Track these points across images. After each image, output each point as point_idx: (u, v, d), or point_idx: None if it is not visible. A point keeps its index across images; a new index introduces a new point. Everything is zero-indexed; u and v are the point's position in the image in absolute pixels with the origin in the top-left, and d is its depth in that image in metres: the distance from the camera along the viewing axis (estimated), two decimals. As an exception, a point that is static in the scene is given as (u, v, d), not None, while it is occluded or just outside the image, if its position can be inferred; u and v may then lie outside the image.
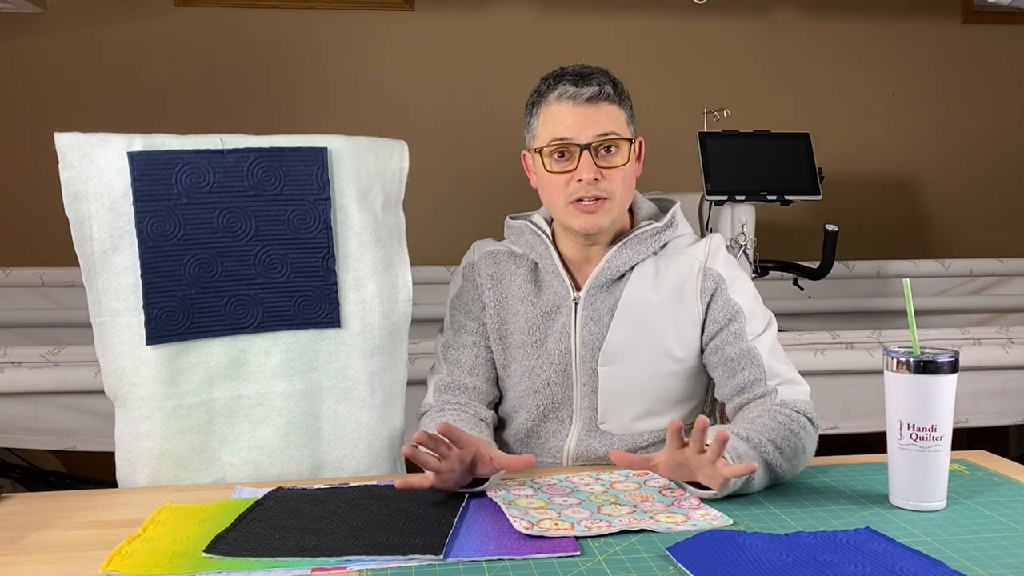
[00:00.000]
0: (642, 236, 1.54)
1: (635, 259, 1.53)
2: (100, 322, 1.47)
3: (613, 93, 1.49)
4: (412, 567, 1.07)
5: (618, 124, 1.49)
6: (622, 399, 1.51)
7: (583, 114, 1.47)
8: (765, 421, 1.37)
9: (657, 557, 1.09)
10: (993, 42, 4.04)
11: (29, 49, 3.55)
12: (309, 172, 1.53)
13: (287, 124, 3.27)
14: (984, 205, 4.07)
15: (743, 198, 2.87)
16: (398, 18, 3.74)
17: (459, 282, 1.64)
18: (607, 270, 1.53)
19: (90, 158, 1.44)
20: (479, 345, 1.60)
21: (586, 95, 1.47)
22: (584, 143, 1.47)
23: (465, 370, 1.58)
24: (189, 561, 1.10)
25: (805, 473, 1.41)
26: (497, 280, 1.60)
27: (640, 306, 1.51)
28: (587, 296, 1.53)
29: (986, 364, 2.63)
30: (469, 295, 1.61)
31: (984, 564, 1.06)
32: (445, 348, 1.61)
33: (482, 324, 1.60)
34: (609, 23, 3.80)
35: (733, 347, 1.48)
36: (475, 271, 1.62)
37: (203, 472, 1.52)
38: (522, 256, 1.60)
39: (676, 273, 1.53)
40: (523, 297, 1.56)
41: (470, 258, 1.64)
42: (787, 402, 1.42)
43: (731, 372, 1.48)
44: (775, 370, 1.47)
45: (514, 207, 1.79)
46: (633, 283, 1.52)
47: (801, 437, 1.36)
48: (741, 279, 1.54)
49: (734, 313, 1.50)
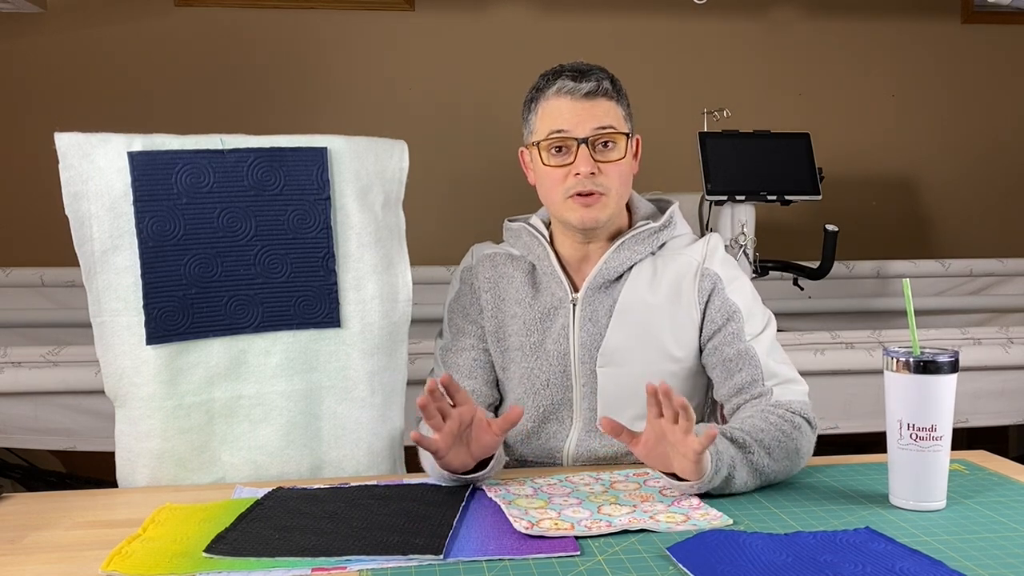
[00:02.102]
0: (640, 236, 1.54)
1: (633, 259, 1.53)
2: (100, 322, 1.47)
3: (611, 89, 1.50)
4: (412, 567, 1.07)
5: (615, 119, 1.50)
6: (621, 400, 1.51)
7: (581, 108, 1.48)
8: (756, 422, 1.37)
9: (657, 557, 1.09)
10: (993, 42, 4.04)
11: (29, 49, 3.55)
12: (309, 172, 1.53)
13: (287, 124, 3.28)
14: (984, 205, 4.07)
15: (743, 198, 2.87)
16: (398, 18, 3.74)
17: (457, 285, 1.64)
18: (605, 271, 1.53)
19: (90, 158, 1.44)
20: (477, 348, 1.60)
21: (584, 90, 1.48)
22: (582, 137, 1.47)
23: (464, 373, 1.58)
24: (189, 561, 1.10)
25: (805, 473, 1.41)
26: (495, 283, 1.60)
27: (638, 307, 1.51)
28: (585, 297, 1.53)
29: (986, 364, 2.63)
30: (467, 298, 1.62)
31: (984, 564, 1.06)
32: (443, 352, 1.62)
33: (480, 327, 1.60)
34: (609, 23, 3.80)
35: (731, 347, 1.48)
36: (473, 274, 1.62)
37: (203, 472, 1.52)
38: (520, 258, 1.60)
39: (674, 273, 1.53)
40: (521, 299, 1.57)
41: (468, 261, 1.65)
42: (782, 403, 1.42)
43: (729, 373, 1.48)
44: (773, 370, 1.46)
45: (513, 207, 1.79)
46: (631, 284, 1.52)
47: (794, 438, 1.36)
48: (739, 279, 1.54)
49: (732, 313, 1.50)
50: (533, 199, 1.61)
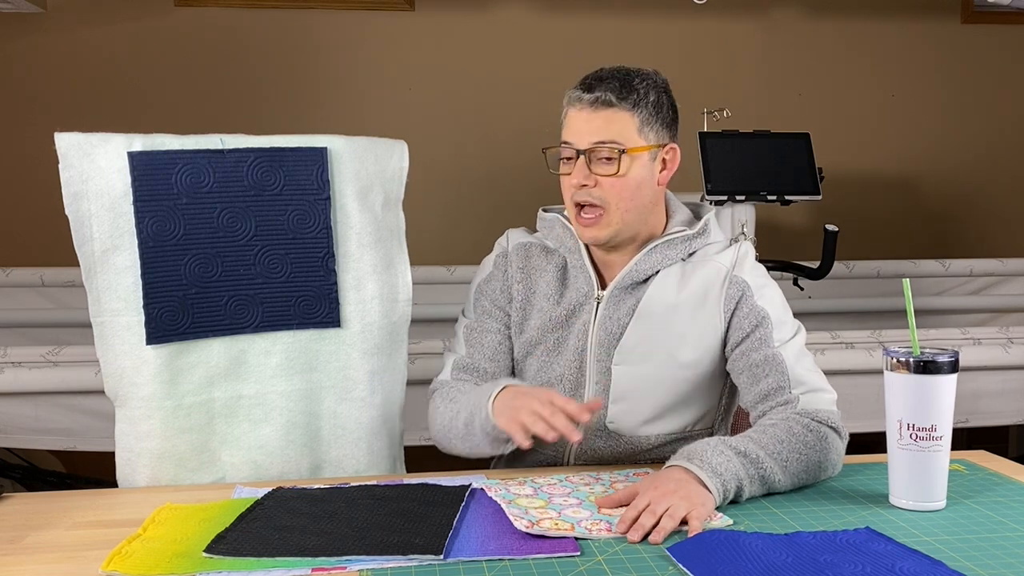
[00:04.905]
0: (672, 242, 1.52)
1: (662, 263, 1.51)
2: (100, 322, 1.47)
3: (621, 99, 1.46)
4: (412, 567, 1.07)
5: (622, 131, 1.46)
6: (633, 400, 1.50)
7: (584, 119, 1.47)
8: (776, 432, 1.34)
9: (657, 557, 1.09)
10: (993, 42, 4.04)
11: (29, 49, 3.55)
12: (309, 172, 1.53)
13: (287, 124, 3.28)
14: (984, 205, 4.07)
15: (743, 198, 2.87)
16: (398, 18, 3.74)
17: (490, 268, 1.62)
18: (634, 272, 1.51)
19: (90, 158, 1.44)
20: (502, 333, 1.59)
21: (588, 99, 1.46)
22: (581, 148, 1.46)
23: (487, 354, 1.57)
24: (189, 561, 1.10)
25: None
26: (527, 274, 1.58)
27: (660, 308, 1.50)
28: (610, 296, 1.52)
29: (986, 364, 2.63)
30: (498, 284, 1.60)
31: (984, 564, 1.06)
32: (468, 330, 1.60)
33: (507, 315, 1.59)
34: (609, 23, 3.80)
35: (758, 352, 1.45)
36: (507, 261, 1.60)
37: (203, 472, 1.52)
38: (554, 252, 1.59)
39: (701, 279, 1.51)
40: (549, 295, 1.56)
41: (503, 246, 1.62)
42: (809, 411, 1.39)
43: (755, 378, 1.45)
44: (800, 378, 1.43)
45: (513, 206, 1.80)
46: (656, 286, 1.51)
47: (818, 450, 1.34)
48: (769, 287, 1.52)
49: (760, 319, 1.47)
50: (533, 199, 1.61)
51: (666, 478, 1.25)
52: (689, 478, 1.25)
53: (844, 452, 1.40)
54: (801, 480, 1.34)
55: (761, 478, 1.29)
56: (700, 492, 1.23)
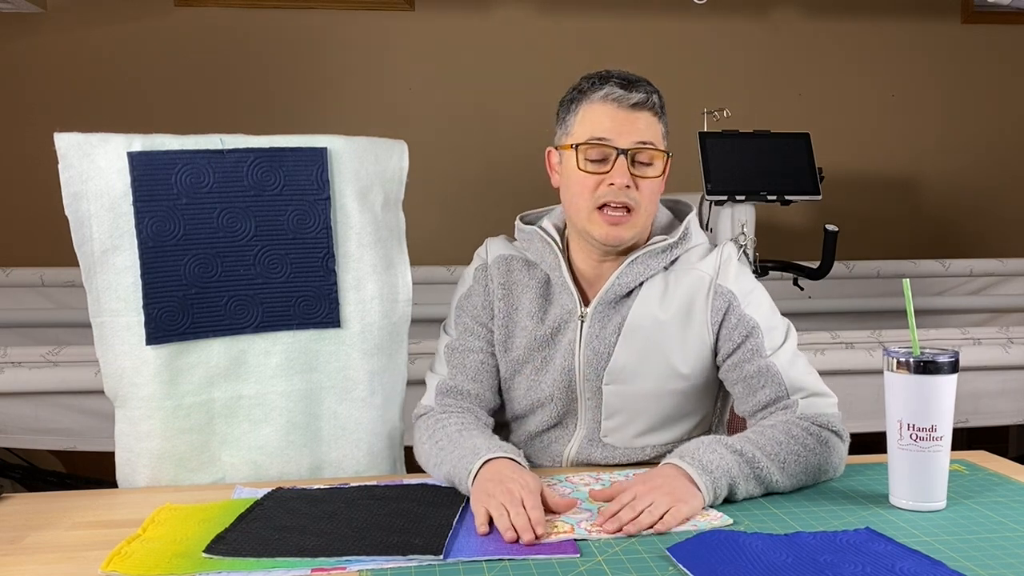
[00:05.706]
0: (653, 252, 1.49)
1: (645, 275, 1.48)
2: (100, 322, 1.47)
3: (657, 105, 1.47)
4: (412, 567, 1.07)
5: (656, 136, 1.46)
6: (626, 416, 1.49)
7: (625, 118, 1.44)
8: (775, 434, 1.34)
9: (657, 557, 1.09)
10: (993, 42, 4.04)
11: (29, 49, 3.55)
12: (309, 172, 1.53)
13: (287, 124, 3.28)
14: (984, 205, 4.07)
15: (743, 198, 2.87)
16: (398, 18, 3.74)
17: (470, 282, 1.58)
18: (616, 287, 1.48)
19: (90, 158, 1.44)
20: (485, 352, 1.55)
21: (632, 100, 1.43)
22: (622, 148, 1.43)
23: (469, 375, 1.54)
24: (189, 561, 1.10)
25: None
26: (508, 290, 1.55)
27: (647, 325, 1.47)
28: (594, 313, 1.49)
29: (986, 364, 2.63)
30: (479, 299, 1.56)
31: (984, 564, 1.06)
32: (449, 350, 1.56)
33: (489, 331, 1.55)
34: (609, 23, 3.80)
35: (751, 364, 1.44)
36: (488, 276, 1.57)
37: (203, 472, 1.52)
38: (535, 266, 1.55)
39: (685, 290, 1.48)
40: (533, 312, 1.52)
41: (482, 259, 1.59)
42: (809, 415, 1.39)
43: (751, 389, 1.45)
44: (797, 383, 1.43)
45: (512, 206, 1.78)
46: (641, 300, 1.48)
47: (819, 453, 1.34)
48: (755, 292, 1.49)
49: (750, 329, 1.45)
50: (533, 199, 1.60)
51: (656, 475, 1.27)
52: (678, 474, 1.26)
53: (846, 455, 1.40)
54: (801, 482, 1.34)
55: (757, 477, 1.29)
56: (687, 489, 1.24)
